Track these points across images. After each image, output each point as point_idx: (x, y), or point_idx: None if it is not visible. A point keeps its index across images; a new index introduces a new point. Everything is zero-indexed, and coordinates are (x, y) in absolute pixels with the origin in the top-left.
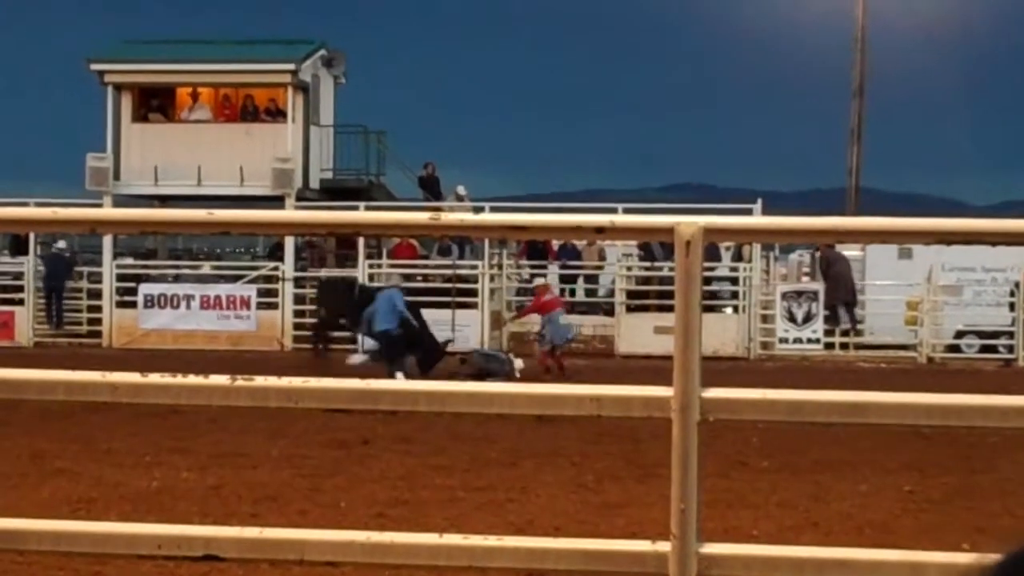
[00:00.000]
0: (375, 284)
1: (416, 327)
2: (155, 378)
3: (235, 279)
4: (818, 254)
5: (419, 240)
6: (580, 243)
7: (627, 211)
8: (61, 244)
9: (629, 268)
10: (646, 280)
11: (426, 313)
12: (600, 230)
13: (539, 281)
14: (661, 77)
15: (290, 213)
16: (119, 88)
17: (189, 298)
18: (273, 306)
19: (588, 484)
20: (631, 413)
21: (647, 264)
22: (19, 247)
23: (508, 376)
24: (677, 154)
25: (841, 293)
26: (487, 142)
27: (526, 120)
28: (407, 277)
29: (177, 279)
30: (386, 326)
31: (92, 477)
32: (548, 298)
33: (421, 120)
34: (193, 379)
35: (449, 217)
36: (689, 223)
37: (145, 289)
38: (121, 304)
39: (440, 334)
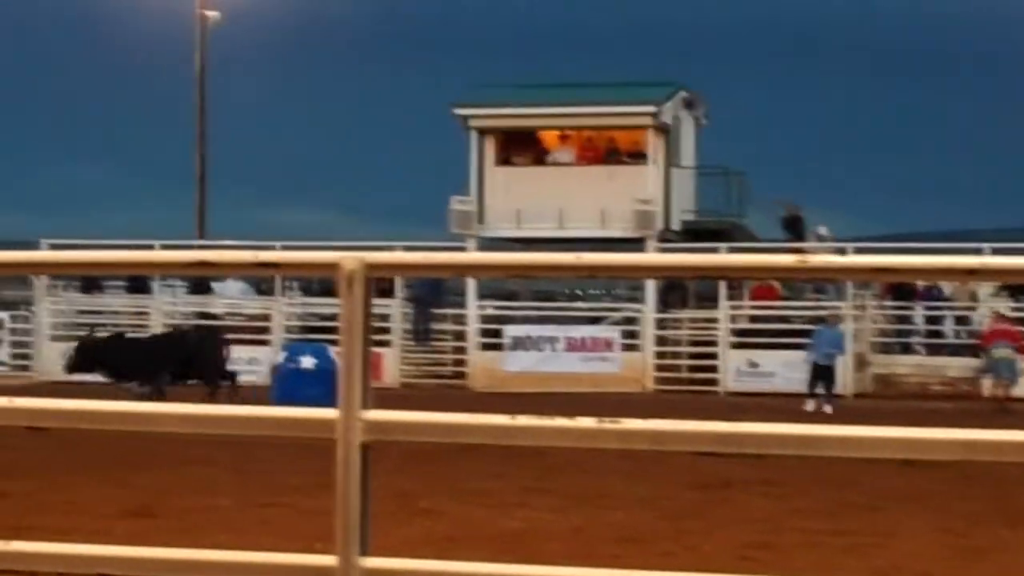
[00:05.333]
0: None
1: None
2: (523, 420)
3: (597, 320)
4: None
5: (781, 281)
6: (948, 284)
7: (995, 252)
8: None
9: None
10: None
11: (783, 355)
12: (971, 272)
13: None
14: None
15: (658, 256)
16: (483, 132)
17: (553, 340)
18: (635, 347)
19: (956, 529)
20: (1002, 458)
21: (1014, 304)
22: (383, 290)
23: None
24: None
25: None
26: (846, 180)
27: (884, 157)
28: (764, 319)
29: (540, 321)
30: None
31: (455, 517)
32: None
33: (782, 159)
34: (561, 421)
35: (815, 259)
36: None
37: (511, 331)
38: (484, 347)
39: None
